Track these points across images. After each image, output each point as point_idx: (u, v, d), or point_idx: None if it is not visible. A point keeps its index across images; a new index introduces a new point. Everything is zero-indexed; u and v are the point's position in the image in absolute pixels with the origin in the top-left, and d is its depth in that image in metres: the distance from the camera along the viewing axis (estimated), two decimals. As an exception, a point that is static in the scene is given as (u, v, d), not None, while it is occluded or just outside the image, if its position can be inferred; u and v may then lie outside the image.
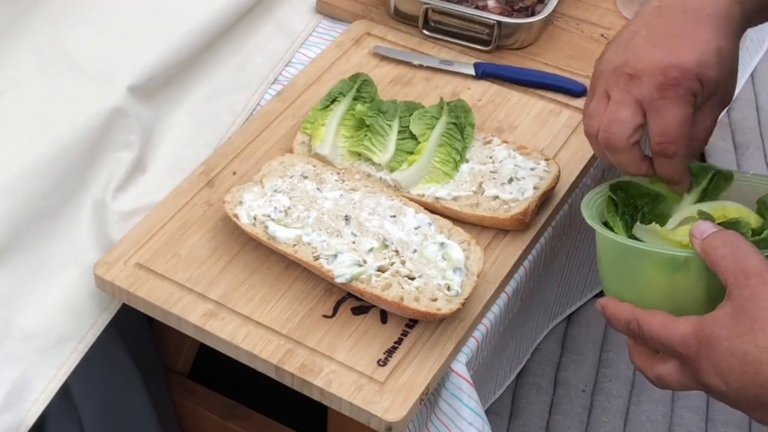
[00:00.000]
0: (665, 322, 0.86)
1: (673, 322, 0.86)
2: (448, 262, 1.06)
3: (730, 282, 0.83)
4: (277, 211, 1.10)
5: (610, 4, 1.46)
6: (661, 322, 0.86)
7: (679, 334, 0.84)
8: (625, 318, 0.89)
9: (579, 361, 1.42)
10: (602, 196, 1.01)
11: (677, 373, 0.86)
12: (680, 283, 0.90)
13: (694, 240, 0.87)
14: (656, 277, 0.90)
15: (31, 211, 1.11)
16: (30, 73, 1.19)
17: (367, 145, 1.18)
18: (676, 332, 0.85)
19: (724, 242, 0.85)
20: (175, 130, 1.26)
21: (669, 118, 0.92)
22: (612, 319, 0.91)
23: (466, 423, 1.05)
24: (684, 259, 0.89)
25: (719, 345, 0.81)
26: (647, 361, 0.89)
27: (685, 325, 0.84)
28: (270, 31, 1.40)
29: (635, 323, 0.88)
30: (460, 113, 1.20)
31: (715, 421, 1.37)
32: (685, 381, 0.86)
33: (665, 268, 0.90)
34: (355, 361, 1.03)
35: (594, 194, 1.01)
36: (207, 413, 1.43)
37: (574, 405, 1.37)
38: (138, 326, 1.30)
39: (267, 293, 1.09)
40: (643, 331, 0.87)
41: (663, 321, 0.86)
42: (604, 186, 1.01)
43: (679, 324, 0.85)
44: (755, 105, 2.00)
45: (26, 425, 1.06)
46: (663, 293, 0.90)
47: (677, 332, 0.85)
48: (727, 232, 0.87)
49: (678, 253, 0.90)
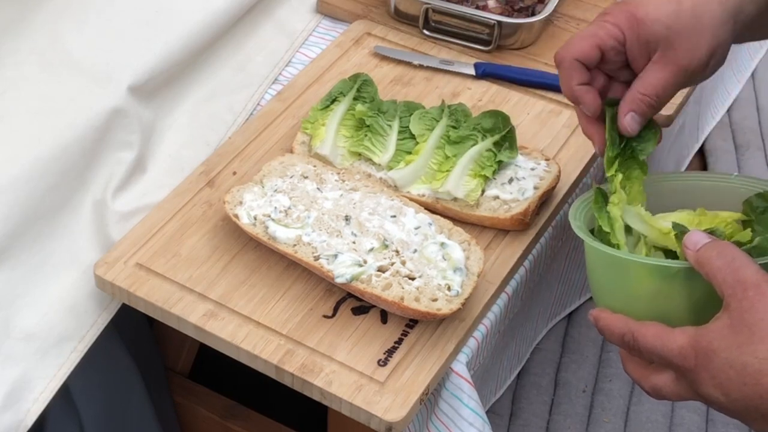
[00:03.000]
0: (660, 333, 0.85)
1: (668, 333, 0.85)
2: (448, 262, 1.06)
3: (728, 294, 0.82)
4: (278, 211, 1.10)
5: (609, 4, 1.46)
6: (656, 333, 0.86)
7: (676, 347, 0.84)
8: (619, 330, 0.89)
9: (579, 361, 1.42)
10: (589, 203, 1.00)
11: (674, 384, 0.86)
12: (670, 292, 0.89)
13: (688, 252, 0.87)
14: (646, 285, 0.90)
15: (31, 211, 1.11)
16: (30, 73, 1.19)
17: (368, 145, 1.18)
18: (672, 344, 0.84)
19: (719, 253, 0.84)
20: (175, 130, 1.26)
21: (582, 45, 0.95)
22: (605, 331, 0.91)
23: (466, 423, 1.05)
24: (676, 270, 0.89)
25: (717, 357, 0.81)
26: (642, 372, 0.89)
27: (681, 337, 0.84)
28: (270, 31, 1.40)
29: (630, 336, 0.87)
30: (460, 117, 1.19)
31: (715, 421, 1.37)
32: (683, 392, 0.86)
33: (655, 277, 0.89)
34: (356, 361, 1.03)
35: (581, 201, 1.00)
36: (207, 413, 1.43)
37: (574, 405, 1.37)
38: (138, 326, 1.30)
39: (267, 293, 1.09)
40: (638, 343, 0.87)
41: (658, 333, 0.85)
42: (590, 192, 1.00)
43: (675, 336, 0.84)
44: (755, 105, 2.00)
45: (26, 425, 1.06)
46: (653, 302, 0.90)
47: (674, 344, 0.84)
48: (721, 242, 0.86)
49: (669, 264, 0.89)
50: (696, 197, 1.02)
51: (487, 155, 1.15)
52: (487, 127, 1.17)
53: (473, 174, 1.14)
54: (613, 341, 0.90)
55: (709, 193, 1.02)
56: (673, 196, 1.02)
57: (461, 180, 1.14)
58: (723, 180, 1.02)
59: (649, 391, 0.89)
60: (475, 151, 1.15)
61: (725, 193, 1.01)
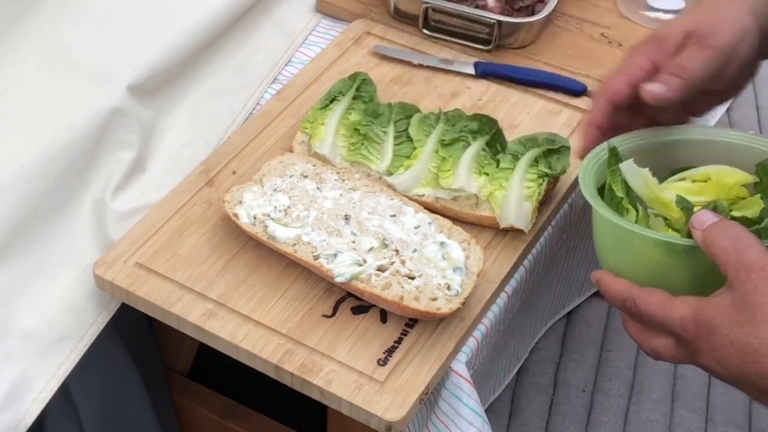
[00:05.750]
0: (662, 302, 0.86)
1: (670, 302, 0.86)
2: (448, 262, 1.06)
3: (731, 275, 0.83)
4: (277, 211, 1.10)
5: (610, 3, 1.46)
6: (658, 301, 0.87)
7: (677, 316, 0.85)
8: (621, 295, 0.90)
9: (579, 360, 1.42)
10: (600, 160, 0.98)
11: (673, 349, 0.87)
12: (674, 265, 0.90)
13: (695, 231, 0.87)
14: (650, 257, 0.90)
15: (31, 211, 1.11)
16: (30, 73, 1.19)
17: (365, 153, 1.18)
18: (674, 314, 0.85)
19: (724, 234, 0.85)
20: (175, 130, 1.26)
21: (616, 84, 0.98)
22: (607, 294, 0.92)
23: (466, 422, 1.05)
24: (681, 247, 0.89)
25: (718, 332, 0.82)
26: (642, 334, 0.90)
27: (683, 307, 0.85)
28: (270, 30, 1.40)
29: (631, 301, 0.89)
30: (456, 121, 1.19)
31: (714, 420, 1.37)
32: (682, 357, 0.87)
33: (661, 250, 0.90)
34: (355, 361, 1.03)
35: (593, 156, 0.99)
36: (207, 413, 1.43)
37: (573, 404, 1.37)
38: (138, 326, 1.30)
39: (267, 293, 1.09)
40: (639, 309, 0.88)
41: (660, 301, 0.87)
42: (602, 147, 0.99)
43: (677, 306, 0.85)
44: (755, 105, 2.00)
45: (25, 424, 1.06)
46: (656, 272, 0.90)
47: (675, 314, 0.85)
48: (728, 222, 0.87)
49: (675, 241, 0.90)
50: (708, 152, 1.00)
51: (483, 154, 1.15)
52: (475, 129, 1.17)
53: (478, 172, 1.14)
54: (614, 305, 0.92)
55: (723, 149, 1.00)
56: (685, 149, 1.01)
57: (470, 177, 1.14)
58: (739, 138, 1.01)
59: (648, 352, 0.90)
60: (474, 151, 1.15)
61: (739, 152, 1.00)
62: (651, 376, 1.39)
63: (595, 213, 0.95)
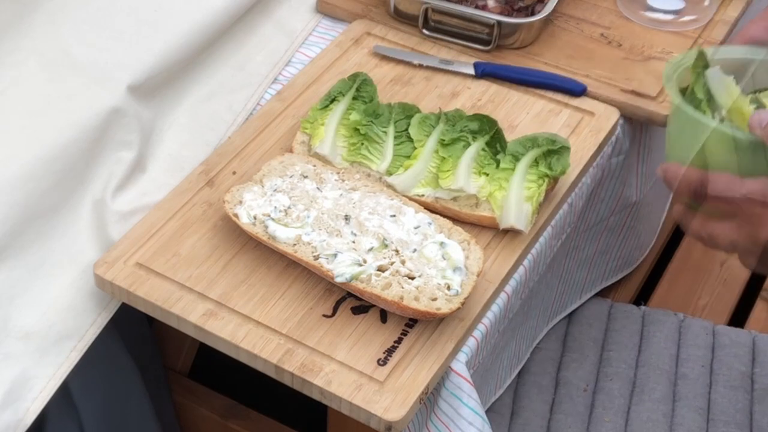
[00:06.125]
0: (731, 180, 0.89)
1: (739, 180, 0.88)
2: (447, 262, 1.06)
3: None
4: (277, 211, 1.10)
5: (610, 3, 1.46)
6: (727, 180, 0.89)
7: (746, 190, 0.88)
8: (688, 178, 0.91)
9: (580, 360, 1.42)
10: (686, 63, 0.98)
11: (733, 232, 0.89)
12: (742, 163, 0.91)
13: (754, 130, 0.89)
14: (719, 152, 0.91)
15: (31, 210, 1.11)
16: (30, 73, 1.19)
17: (365, 153, 1.18)
18: (743, 189, 0.88)
19: None
20: (175, 130, 1.26)
21: None
22: (673, 181, 0.93)
23: (466, 422, 1.05)
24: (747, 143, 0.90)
25: None
26: (701, 222, 0.92)
27: (751, 183, 0.88)
28: (270, 30, 1.40)
29: (698, 183, 0.90)
30: (456, 121, 1.19)
31: (716, 420, 1.37)
32: (741, 239, 0.89)
33: (729, 146, 0.90)
34: (355, 361, 1.03)
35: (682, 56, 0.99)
36: (207, 413, 1.44)
37: (575, 404, 1.37)
38: (138, 326, 1.30)
39: (267, 293, 1.09)
40: (706, 189, 0.90)
41: (729, 179, 0.89)
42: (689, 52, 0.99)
43: (746, 182, 0.88)
44: (756, 104, 2.00)
45: (25, 424, 1.06)
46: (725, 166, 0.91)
47: (744, 189, 0.88)
48: None
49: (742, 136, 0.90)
50: None
51: (483, 154, 1.15)
52: (475, 129, 1.17)
53: (477, 172, 1.14)
54: (680, 190, 0.93)
55: None
56: None
57: (470, 177, 1.14)
58: None
59: (704, 238, 0.92)
60: (474, 151, 1.15)
61: None
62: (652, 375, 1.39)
63: (672, 106, 0.96)
